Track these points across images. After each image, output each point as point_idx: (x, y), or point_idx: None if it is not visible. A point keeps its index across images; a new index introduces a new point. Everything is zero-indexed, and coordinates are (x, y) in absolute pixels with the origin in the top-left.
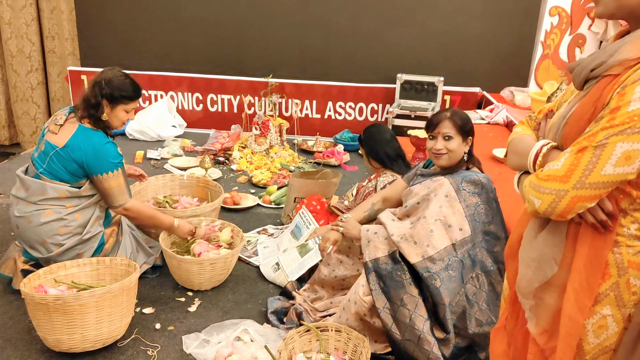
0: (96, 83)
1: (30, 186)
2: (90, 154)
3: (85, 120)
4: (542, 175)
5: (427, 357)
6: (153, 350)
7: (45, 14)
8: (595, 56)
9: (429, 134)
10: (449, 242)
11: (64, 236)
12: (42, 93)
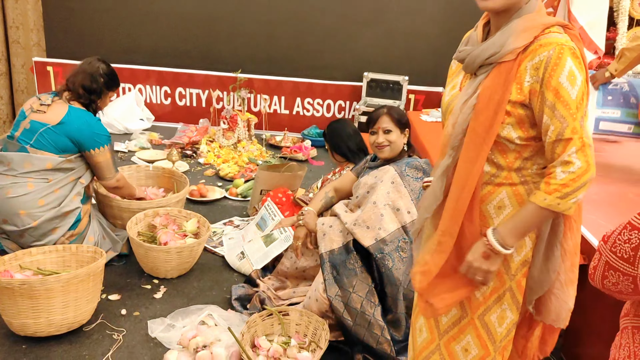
0: (92, 73)
1: (12, 159)
2: (85, 130)
3: (75, 102)
4: (562, 182)
5: (376, 340)
6: (119, 334)
7: (9, 4)
8: (485, 47)
9: (370, 130)
10: (399, 224)
11: (42, 208)
12: (5, 84)
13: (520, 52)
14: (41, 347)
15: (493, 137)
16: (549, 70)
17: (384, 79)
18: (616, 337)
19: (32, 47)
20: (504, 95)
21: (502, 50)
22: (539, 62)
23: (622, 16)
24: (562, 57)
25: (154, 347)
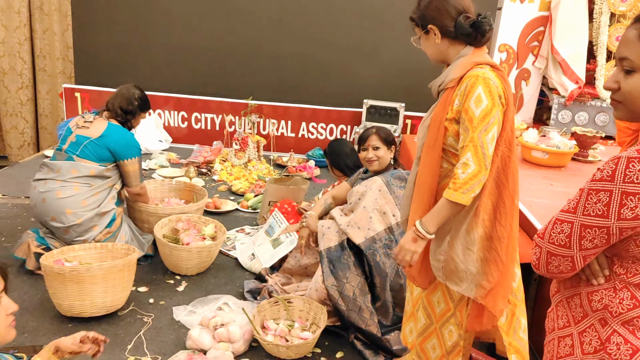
0: (129, 97)
1: (61, 167)
2: (122, 142)
3: (113, 120)
4: (463, 181)
5: (365, 323)
6: (148, 318)
7: (38, 35)
8: (438, 79)
9: (361, 147)
10: (385, 225)
11: (85, 208)
12: (31, 109)
13: (456, 82)
14: (84, 326)
15: (440, 145)
16: (465, 95)
17: (382, 105)
18: (549, 312)
19: (58, 74)
20: (444, 114)
21: (446, 80)
22: (463, 90)
23: (600, 50)
24: (475, 86)
25: (178, 329)
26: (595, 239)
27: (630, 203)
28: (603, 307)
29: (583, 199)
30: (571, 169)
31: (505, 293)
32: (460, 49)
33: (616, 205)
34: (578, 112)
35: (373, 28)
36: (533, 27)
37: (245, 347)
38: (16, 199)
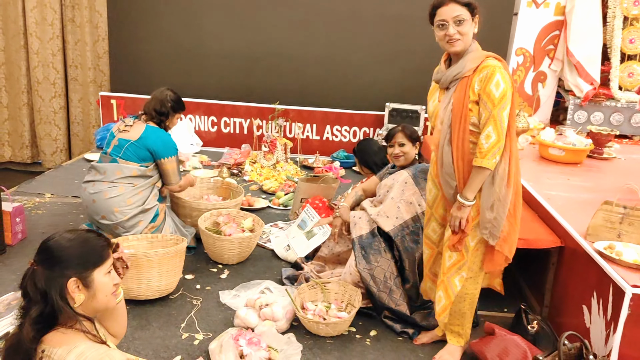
0: (162, 99)
1: (107, 169)
2: (159, 142)
3: (150, 122)
4: (487, 149)
5: (395, 303)
6: (197, 301)
7: (70, 45)
8: (452, 70)
9: (388, 144)
10: (412, 214)
11: (130, 206)
12: (64, 117)
13: (472, 71)
14: (141, 307)
15: (467, 124)
16: (485, 81)
17: (404, 108)
18: None
19: (89, 83)
20: (466, 97)
21: (463, 70)
22: (483, 77)
23: (614, 52)
24: (494, 73)
25: (225, 310)
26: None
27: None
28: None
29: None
30: (587, 165)
31: (514, 240)
32: (472, 43)
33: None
34: (593, 113)
35: (394, 33)
36: (549, 31)
37: (287, 325)
38: (64, 197)
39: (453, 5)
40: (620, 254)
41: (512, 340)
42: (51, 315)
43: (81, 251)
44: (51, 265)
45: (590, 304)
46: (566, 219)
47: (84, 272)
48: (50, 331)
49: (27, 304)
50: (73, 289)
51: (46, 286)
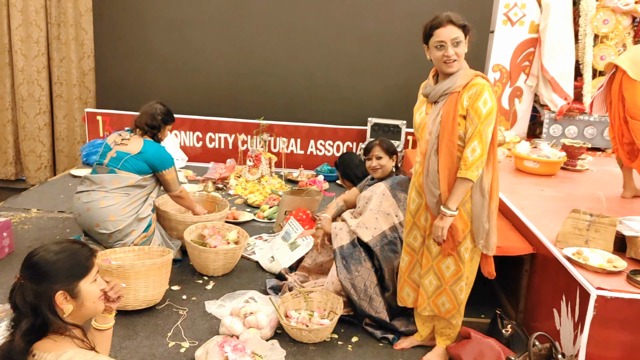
0: (152, 113)
1: (104, 179)
2: (158, 157)
3: (146, 136)
4: (472, 162)
5: (375, 310)
6: (183, 311)
7: (55, 63)
8: (442, 85)
9: (366, 157)
10: (389, 225)
11: (125, 215)
12: (48, 133)
13: (462, 87)
14: (127, 318)
15: (455, 136)
16: (474, 98)
17: (385, 123)
18: None
19: (74, 100)
20: (455, 110)
21: (454, 85)
22: (472, 94)
23: (586, 68)
24: (483, 91)
25: (210, 319)
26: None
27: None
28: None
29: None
30: (561, 176)
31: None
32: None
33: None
34: (568, 126)
35: (375, 51)
36: (524, 48)
37: (271, 333)
38: (50, 212)
39: (451, 27)
40: (587, 259)
41: (487, 343)
42: (42, 326)
43: (66, 264)
44: (39, 280)
45: (560, 307)
46: (538, 228)
47: (71, 284)
48: (41, 339)
49: (18, 316)
50: (61, 300)
51: (35, 300)
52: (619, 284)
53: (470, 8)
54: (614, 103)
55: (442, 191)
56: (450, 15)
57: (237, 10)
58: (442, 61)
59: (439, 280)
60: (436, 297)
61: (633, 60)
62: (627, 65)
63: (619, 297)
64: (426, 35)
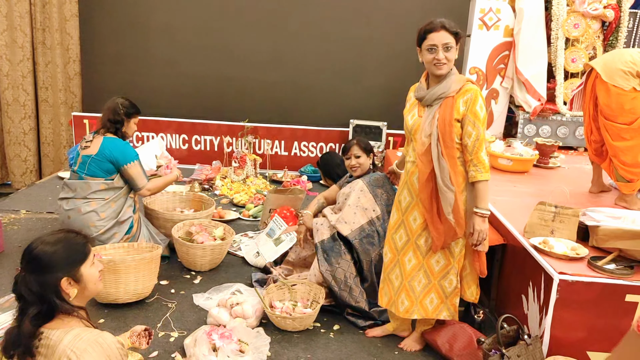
0: (114, 108)
1: (77, 186)
2: (117, 151)
3: (108, 133)
4: (487, 165)
5: (355, 300)
6: (172, 304)
7: (40, 67)
8: (437, 89)
9: (345, 156)
10: (367, 219)
11: (104, 219)
12: (34, 137)
13: (456, 92)
14: (118, 311)
15: (453, 139)
16: (471, 103)
17: (367, 124)
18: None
19: (60, 105)
20: (451, 114)
21: (448, 90)
22: (467, 99)
23: (559, 70)
24: (477, 96)
25: (198, 311)
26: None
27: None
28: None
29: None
30: (533, 173)
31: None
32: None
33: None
34: (542, 126)
35: (357, 54)
36: (499, 52)
37: (257, 322)
38: (39, 214)
39: (444, 32)
40: (552, 247)
41: (460, 327)
42: (49, 311)
43: (65, 253)
44: (42, 271)
45: (527, 293)
46: (509, 220)
47: (72, 270)
48: (49, 321)
49: (24, 305)
50: (67, 286)
51: (41, 289)
52: (580, 269)
53: (447, 13)
54: (586, 102)
55: (456, 192)
56: (445, 21)
57: (221, 15)
58: (433, 63)
59: (427, 277)
60: (424, 296)
61: (607, 64)
62: (601, 68)
63: (580, 280)
64: (420, 39)
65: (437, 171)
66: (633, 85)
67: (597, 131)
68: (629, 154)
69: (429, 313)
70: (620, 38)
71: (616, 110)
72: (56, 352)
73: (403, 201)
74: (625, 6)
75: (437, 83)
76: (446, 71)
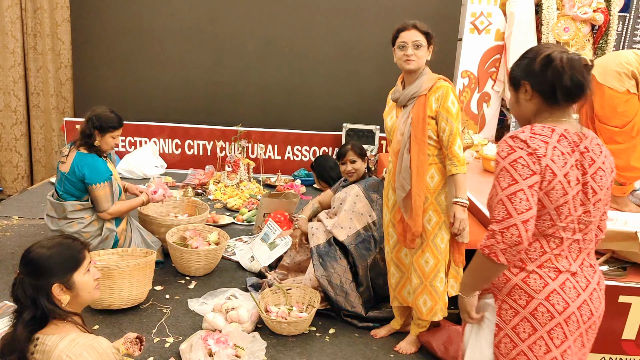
0: (89, 119)
1: (56, 207)
2: (86, 169)
3: (81, 147)
4: (462, 158)
5: (351, 305)
6: (166, 309)
7: (32, 73)
8: (410, 90)
9: (340, 161)
10: (363, 224)
11: (89, 238)
12: (25, 143)
13: (428, 90)
14: (113, 317)
15: (425, 136)
16: (443, 99)
17: (360, 128)
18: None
19: (51, 110)
20: (424, 112)
21: (420, 89)
22: (439, 95)
23: None
24: (449, 93)
25: (193, 316)
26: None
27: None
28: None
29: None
30: None
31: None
32: (424, 67)
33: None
34: None
35: (349, 59)
36: (490, 55)
37: (252, 327)
38: (32, 220)
39: (414, 31)
40: None
41: (455, 329)
42: (43, 316)
43: (60, 259)
44: (36, 275)
45: None
46: None
47: (65, 276)
48: (44, 327)
49: (20, 308)
50: (58, 292)
51: (34, 293)
52: None
53: (439, 17)
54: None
55: (412, 186)
56: (416, 22)
57: (214, 20)
58: (403, 60)
59: (419, 278)
60: (417, 296)
61: (603, 65)
62: (595, 69)
63: None
64: (393, 38)
65: (397, 167)
66: (627, 87)
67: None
68: (622, 157)
69: (423, 315)
70: (609, 41)
71: (609, 113)
72: (52, 358)
73: (389, 200)
74: (614, 10)
75: (411, 84)
76: (414, 67)
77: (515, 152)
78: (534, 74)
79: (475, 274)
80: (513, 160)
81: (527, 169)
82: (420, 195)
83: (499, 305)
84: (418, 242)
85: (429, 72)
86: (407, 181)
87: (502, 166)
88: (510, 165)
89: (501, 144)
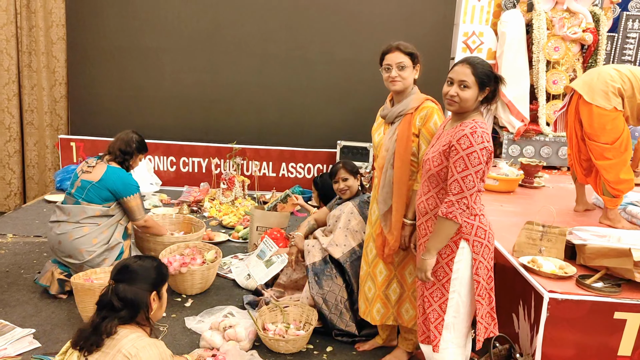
0: (128, 140)
1: (71, 211)
2: (119, 182)
3: (112, 162)
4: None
5: (345, 324)
6: (163, 327)
7: (26, 90)
8: (397, 108)
9: (333, 180)
10: (358, 241)
11: (96, 245)
12: (18, 160)
13: (414, 110)
14: None
15: (409, 153)
16: (426, 119)
17: (354, 146)
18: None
19: (45, 127)
20: (409, 129)
21: (407, 108)
22: (423, 115)
23: (540, 92)
24: (433, 114)
25: (190, 334)
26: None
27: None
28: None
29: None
30: (519, 193)
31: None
32: (412, 86)
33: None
34: (525, 146)
35: (343, 76)
36: None
37: (250, 345)
38: (26, 237)
39: (398, 53)
40: (541, 266)
41: None
42: (131, 317)
43: (156, 272)
44: (135, 282)
45: (518, 311)
46: (498, 240)
47: (159, 287)
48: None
49: (107, 312)
50: (154, 298)
51: (133, 297)
52: (569, 288)
53: (432, 36)
54: (570, 123)
55: (394, 202)
56: (400, 43)
57: (208, 38)
58: (388, 81)
59: (401, 287)
60: (399, 305)
61: (588, 84)
62: (582, 89)
63: (569, 298)
64: (380, 60)
65: (381, 182)
66: (614, 105)
67: (586, 150)
68: (612, 171)
69: (405, 322)
70: (599, 61)
71: (598, 130)
72: (117, 345)
73: (373, 214)
74: (603, 30)
75: (399, 102)
76: (400, 88)
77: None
78: None
79: (440, 236)
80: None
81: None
82: (399, 211)
83: (472, 244)
84: (397, 258)
85: (417, 91)
86: (389, 196)
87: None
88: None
89: (462, 138)
